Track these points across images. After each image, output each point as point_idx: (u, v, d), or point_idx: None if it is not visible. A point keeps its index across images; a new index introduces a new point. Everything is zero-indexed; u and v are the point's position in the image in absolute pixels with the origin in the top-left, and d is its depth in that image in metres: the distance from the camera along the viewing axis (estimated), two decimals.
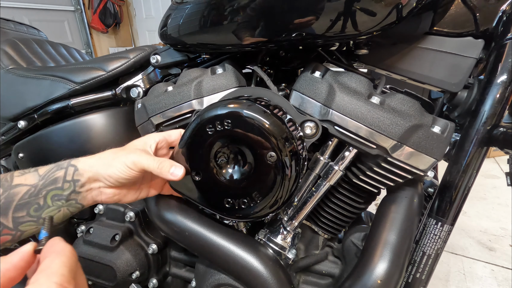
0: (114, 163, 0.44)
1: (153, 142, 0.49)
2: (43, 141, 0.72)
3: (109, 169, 0.44)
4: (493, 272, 1.37)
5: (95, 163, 0.44)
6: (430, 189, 0.68)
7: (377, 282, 0.48)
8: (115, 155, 0.45)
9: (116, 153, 0.45)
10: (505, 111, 0.47)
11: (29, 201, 0.40)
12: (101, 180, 0.45)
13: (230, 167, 0.47)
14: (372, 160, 0.50)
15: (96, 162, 0.44)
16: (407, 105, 0.49)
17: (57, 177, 0.42)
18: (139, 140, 0.50)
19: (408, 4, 0.42)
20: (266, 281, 0.51)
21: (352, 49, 0.57)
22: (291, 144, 0.43)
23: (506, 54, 0.46)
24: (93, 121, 0.70)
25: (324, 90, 0.49)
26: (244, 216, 0.48)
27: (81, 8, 3.77)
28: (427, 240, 0.52)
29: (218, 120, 0.43)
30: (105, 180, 0.44)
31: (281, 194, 0.44)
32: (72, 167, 0.43)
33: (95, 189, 0.45)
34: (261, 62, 0.64)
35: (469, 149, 0.49)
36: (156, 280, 0.71)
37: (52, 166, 0.43)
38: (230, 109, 0.43)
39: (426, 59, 0.52)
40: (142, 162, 0.44)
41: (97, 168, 0.44)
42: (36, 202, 0.41)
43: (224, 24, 0.51)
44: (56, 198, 0.42)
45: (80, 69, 0.73)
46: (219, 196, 0.48)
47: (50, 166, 0.43)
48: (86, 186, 0.44)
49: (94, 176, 0.44)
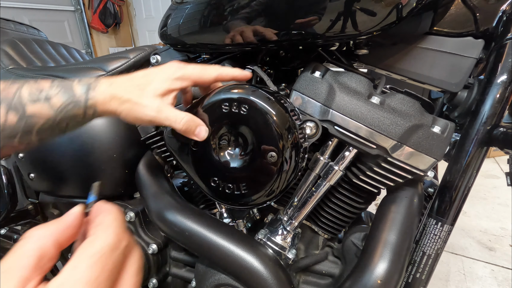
0: (134, 111, 0.42)
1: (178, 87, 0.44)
2: None
3: (129, 116, 0.42)
4: (493, 272, 1.37)
5: (115, 108, 0.42)
6: (430, 189, 0.68)
7: (377, 282, 0.48)
8: (136, 102, 0.42)
9: (137, 100, 0.42)
10: (505, 111, 0.47)
11: (50, 128, 0.41)
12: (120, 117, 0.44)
13: (229, 151, 0.46)
14: (372, 160, 0.50)
15: (117, 107, 0.42)
16: (407, 105, 0.49)
17: (76, 114, 0.41)
18: (161, 81, 0.43)
19: (408, 4, 0.42)
20: (266, 281, 0.51)
21: (352, 49, 0.57)
22: (293, 135, 0.43)
23: (506, 54, 0.46)
24: (93, 121, 0.70)
25: (324, 90, 0.49)
26: (233, 201, 0.48)
27: (81, 8, 3.77)
28: (427, 240, 0.52)
29: (236, 102, 0.43)
30: (124, 119, 0.43)
31: (278, 185, 0.44)
32: (91, 108, 0.41)
33: None
34: (261, 62, 0.64)
35: (469, 149, 0.49)
36: (156, 280, 0.71)
37: (67, 102, 0.40)
38: (253, 96, 0.43)
39: (426, 59, 0.52)
40: (161, 119, 0.42)
41: (117, 110, 0.42)
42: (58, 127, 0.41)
43: (224, 24, 0.51)
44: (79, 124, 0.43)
45: (80, 69, 0.73)
46: (208, 172, 0.48)
47: (63, 99, 0.40)
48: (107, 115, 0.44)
49: (113, 114, 0.43)
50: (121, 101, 0.42)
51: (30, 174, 0.76)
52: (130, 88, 0.42)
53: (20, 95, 0.39)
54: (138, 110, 0.42)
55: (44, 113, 0.39)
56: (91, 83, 0.42)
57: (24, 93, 0.39)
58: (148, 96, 0.42)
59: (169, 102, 0.43)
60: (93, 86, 0.42)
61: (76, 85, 0.42)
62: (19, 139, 0.39)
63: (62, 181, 0.75)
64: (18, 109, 0.38)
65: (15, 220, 0.83)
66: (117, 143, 0.70)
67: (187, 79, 0.44)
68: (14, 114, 0.38)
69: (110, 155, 0.70)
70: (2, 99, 0.38)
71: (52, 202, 0.81)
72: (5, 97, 0.38)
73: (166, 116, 0.42)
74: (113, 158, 0.71)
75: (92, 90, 0.41)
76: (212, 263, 0.58)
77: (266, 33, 0.49)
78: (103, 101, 0.42)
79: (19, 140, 0.39)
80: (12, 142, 0.39)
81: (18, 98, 0.39)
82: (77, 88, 0.41)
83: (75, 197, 0.77)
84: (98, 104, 0.41)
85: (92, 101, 0.41)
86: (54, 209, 0.81)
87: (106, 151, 0.70)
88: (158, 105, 0.42)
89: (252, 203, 0.47)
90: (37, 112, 0.39)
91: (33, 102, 0.39)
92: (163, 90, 0.43)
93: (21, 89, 0.39)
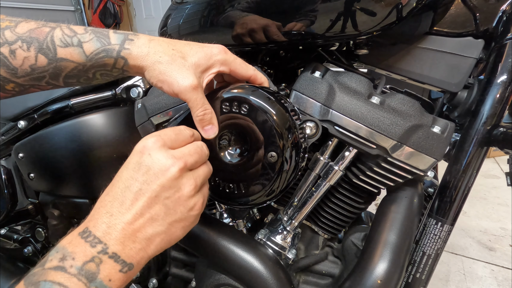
0: (165, 74, 0.39)
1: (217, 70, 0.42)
2: (43, 141, 0.72)
3: (157, 77, 0.40)
4: (493, 272, 1.37)
5: (147, 66, 0.40)
6: (430, 189, 0.68)
7: (377, 282, 0.48)
8: (172, 68, 0.39)
9: (174, 66, 0.39)
10: (505, 111, 0.47)
11: (78, 74, 0.40)
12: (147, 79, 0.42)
13: (229, 150, 0.46)
14: (372, 160, 0.50)
15: (149, 65, 0.39)
16: (407, 105, 0.49)
17: (107, 63, 0.40)
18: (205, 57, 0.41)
19: (408, 4, 0.42)
20: (266, 281, 0.51)
21: (352, 49, 0.57)
22: (293, 135, 0.43)
23: (506, 54, 0.46)
24: (93, 121, 0.70)
25: (324, 90, 0.49)
26: (233, 200, 0.47)
27: (81, 8, 3.77)
28: (427, 240, 0.52)
29: (236, 102, 0.43)
30: (148, 80, 0.41)
31: (278, 184, 0.44)
32: (123, 59, 0.40)
33: None
34: (261, 62, 0.64)
35: (469, 149, 0.49)
36: (156, 280, 0.71)
37: (99, 49, 0.39)
38: (253, 95, 0.42)
39: (426, 59, 0.52)
40: (188, 95, 0.39)
41: (148, 68, 0.40)
42: (85, 75, 0.41)
43: (224, 24, 0.51)
44: (105, 75, 0.42)
45: None
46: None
47: (95, 46, 0.39)
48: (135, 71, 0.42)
49: (142, 71, 0.41)
50: (156, 61, 0.39)
51: (30, 174, 0.76)
52: (171, 52, 0.40)
53: (53, 37, 0.38)
54: (171, 75, 0.39)
55: (75, 58, 0.38)
56: (129, 35, 0.40)
57: (56, 36, 0.38)
58: (189, 67, 0.39)
59: (205, 81, 0.41)
60: (131, 37, 0.40)
61: (112, 33, 0.40)
62: (46, 82, 0.39)
63: (62, 181, 0.75)
64: (49, 51, 0.37)
65: (15, 220, 0.83)
66: (117, 143, 0.70)
67: (228, 65, 0.42)
68: (45, 56, 0.37)
69: (110, 155, 0.70)
70: (33, 38, 0.37)
71: (52, 202, 0.81)
72: (36, 38, 0.37)
73: (196, 96, 0.39)
74: (113, 158, 0.71)
75: (129, 41, 0.39)
76: (212, 263, 0.58)
77: (266, 33, 0.49)
78: (137, 55, 0.39)
79: (46, 82, 0.39)
80: (40, 83, 0.39)
81: (51, 40, 0.37)
82: (113, 36, 0.39)
83: (75, 197, 0.77)
84: (131, 57, 0.39)
85: (126, 52, 0.39)
86: (54, 209, 0.81)
87: (106, 151, 0.70)
88: (194, 80, 0.39)
89: (252, 203, 0.47)
90: (68, 56, 0.38)
91: (65, 46, 0.38)
92: (205, 66, 0.41)
93: (54, 32, 0.38)
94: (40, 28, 0.38)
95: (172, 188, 0.34)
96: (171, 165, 0.34)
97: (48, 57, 0.37)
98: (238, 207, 0.59)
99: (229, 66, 0.43)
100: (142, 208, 0.33)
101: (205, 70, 0.41)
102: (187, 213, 0.36)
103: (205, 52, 0.41)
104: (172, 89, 0.39)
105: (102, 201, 0.34)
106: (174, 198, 0.35)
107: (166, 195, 0.34)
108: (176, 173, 0.34)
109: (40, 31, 0.37)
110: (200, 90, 0.40)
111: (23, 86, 0.39)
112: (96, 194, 0.75)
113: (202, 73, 0.41)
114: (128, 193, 0.33)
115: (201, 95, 0.40)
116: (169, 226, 0.35)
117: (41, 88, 0.41)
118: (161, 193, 0.34)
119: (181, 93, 0.39)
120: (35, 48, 0.37)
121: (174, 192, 0.35)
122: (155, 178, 0.34)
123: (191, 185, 0.36)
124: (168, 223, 0.35)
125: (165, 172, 0.34)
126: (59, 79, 0.40)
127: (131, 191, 0.33)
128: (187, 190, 0.35)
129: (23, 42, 0.36)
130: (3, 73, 0.37)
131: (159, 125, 0.60)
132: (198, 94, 0.40)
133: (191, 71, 0.39)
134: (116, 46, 0.39)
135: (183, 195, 0.35)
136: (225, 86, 0.45)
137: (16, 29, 0.37)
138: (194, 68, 0.40)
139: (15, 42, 0.36)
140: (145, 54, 0.39)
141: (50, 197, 0.81)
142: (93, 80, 0.42)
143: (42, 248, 0.90)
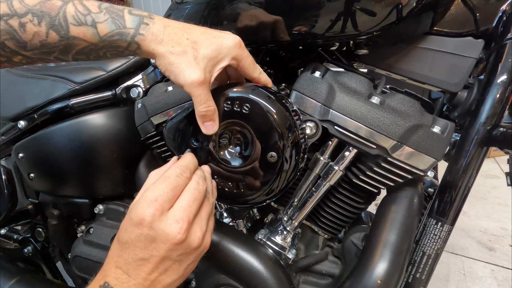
0: (175, 64, 0.39)
1: (226, 64, 0.41)
2: (43, 141, 0.72)
3: (167, 65, 0.39)
4: (493, 272, 1.37)
5: (160, 53, 0.39)
6: (430, 189, 0.68)
7: (377, 282, 0.48)
8: (185, 58, 0.39)
9: (187, 56, 0.39)
10: (505, 111, 0.47)
11: (89, 52, 0.40)
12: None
13: (229, 149, 0.46)
14: (372, 160, 0.50)
15: (162, 52, 0.39)
16: (407, 105, 0.49)
17: (120, 45, 0.39)
18: (218, 48, 0.40)
19: (408, 4, 0.42)
20: (266, 281, 0.51)
21: (352, 49, 0.57)
22: (294, 134, 0.43)
23: (506, 54, 0.46)
24: (93, 121, 0.70)
25: (324, 90, 0.49)
26: (232, 200, 0.48)
27: None
28: (427, 240, 0.52)
29: (238, 101, 0.43)
30: (158, 65, 0.41)
31: (278, 184, 0.44)
32: (136, 44, 0.39)
33: None
34: (261, 62, 0.64)
35: (469, 149, 0.49)
36: None
37: (114, 32, 0.38)
38: (253, 94, 0.42)
39: (426, 59, 0.52)
40: (194, 89, 0.39)
41: (160, 55, 0.39)
42: (96, 53, 0.40)
43: (223, 24, 0.51)
44: (115, 55, 0.41)
45: (80, 69, 0.73)
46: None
47: (110, 28, 0.38)
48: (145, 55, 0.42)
49: (153, 56, 0.40)
50: (168, 50, 0.38)
51: (30, 174, 0.76)
52: (185, 42, 0.39)
53: (65, 13, 0.36)
54: (179, 66, 0.38)
55: (88, 38, 0.38)
56: (144, 18, 0.39)
57: (69, 13, 0.36)
58: (200, 60, 0.39)
59: (214, 75, 0.41)
60: (146, 21, 0.39)
61: (127, 14, 0.39)
62: (55, 56, 0.39)
63: (62, 181, 0.75)
64: (61, 28, 0.36)
65: (15, 220, 0.83)
66: (117, 143, 0.70)
67: (239, 61, 0.42)
68: (56, 33, 0.36)
69: (110, 155, 0.70)
70: (44, 13, 0.36)
71: (52, 202, 0.81)
72: (47, 12, 0.36)
73: (201, 92, 0.39)
74: (113, 158, 0.71)
75: (144, 26, 0.39)
76: (212, 263, 0.58)
77: (266, 33, 0.49)
78: (151, 42, 0.39)
79: (55, 57, 0.39)
80: (49, 57, 0.39)
81: (63, 16, 0.36)
82: (128, 19, 0.39)
83: (75, 197, 0.77)
84: (144, 43, 0.39)
85: (140, 38, 0.38)
86: (54, 209, 0.81)
87: (106, 151, 0.70)
88: (200, 76, 0.38)
89: (252, 202, 0.47)
90: (81, 35, 0.37)
91: (78, 25, 0.37)
92: (216, 60, 0.40)
93: (66, 7, 0.36)
94: (51, 0, 0.36)
95: (182, 247, 0.36)
96: (177, 232, 0.35)
97: (60, 34, 0.37)
98: (237, 206, 0.59)
99: (239, 62, 0.42)
100: (155, 269, 0.36)
101: (217, 63, 0.40)
102: (199, 255, 0.39)
103: (219, 44, 0.40)
104: (178, 81, 0.39)
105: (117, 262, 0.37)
106: (186, 253, 0.37)
107: (177, 253, 0.36)
108: (182, 237, 0.35)
109: (51, 5, 0.36)
110: (206, 86, 0.39)
111: (30, 58, 0.39)
112: (96, 194, 0.75)
113: (213, 66, 0.40)
114: (139, 261, 0.35)
115: (206, 91, 0.40)
116: (184, 270, 0.38)
117: (49, 61, 0.40)
118: (171, 255, 0.36)
119: (186, 87, 0.39)
120: (47, 23, 0.36)
121: (185, 249, 0.36)
122: (163, 245, 0.35)
123: (199, 237, 0.37)
124: (183, 270, 0.38)
125: (172, 240, 0.35)
126: (68, 55, 0.39)
127: (143, 259, 0.35)
128: (196, 242, 0.37)
129: (33, 16, 0.35)
130: (12, 46, 0.36)
131: (159, 125, 0.60)
132: (203, 90, 0.39)
133: (201, 65, 0.39)
134: (131, 30, 0.38)
135: (193, 247, 0.37)
136: (227, 85, 0.45)
137: (25, 0, 0.35)
138: (206, 61, 0.39)
139: (25, 15, 0.35)
140: (159, 41, 0.39)
141: (50, 197, 0.81)
142: (103, 58, 0.42)
143: (42, 248, 0.90)
